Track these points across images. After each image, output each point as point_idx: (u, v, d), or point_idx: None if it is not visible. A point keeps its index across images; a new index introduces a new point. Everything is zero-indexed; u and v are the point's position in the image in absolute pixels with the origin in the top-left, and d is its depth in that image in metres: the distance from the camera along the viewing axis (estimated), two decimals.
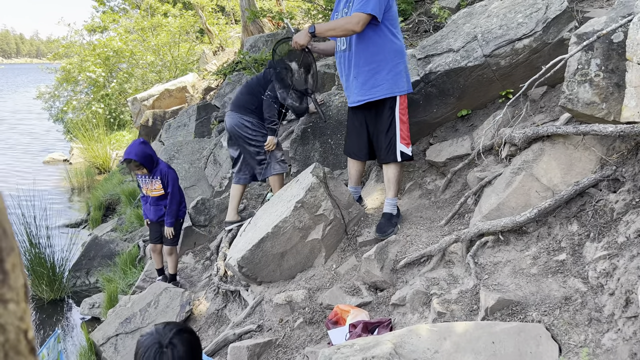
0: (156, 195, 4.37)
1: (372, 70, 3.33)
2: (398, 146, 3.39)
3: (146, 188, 4.39)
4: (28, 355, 0.39)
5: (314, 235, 3.44)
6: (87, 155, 11.86)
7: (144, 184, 4.39)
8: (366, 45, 3.32)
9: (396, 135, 3.38)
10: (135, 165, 4.19)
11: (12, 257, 0.39)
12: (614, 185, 2.47)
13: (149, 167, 4.23)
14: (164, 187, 4.34)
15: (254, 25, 10.07)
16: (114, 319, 4.12)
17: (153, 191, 4.36)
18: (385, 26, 3.29)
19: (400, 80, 3.35)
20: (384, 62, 3.31)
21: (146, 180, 4.35)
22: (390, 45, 3.31)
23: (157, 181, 4.32)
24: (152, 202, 4.42)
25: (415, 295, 2.71)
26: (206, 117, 8.20)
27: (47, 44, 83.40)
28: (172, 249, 4.49)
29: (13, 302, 0.38)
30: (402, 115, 3.38)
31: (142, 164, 4.17)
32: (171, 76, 14.57)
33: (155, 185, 4.34)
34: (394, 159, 3.40)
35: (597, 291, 2.14)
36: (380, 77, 3.33)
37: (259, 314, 3.42)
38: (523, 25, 3.46)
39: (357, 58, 3.37)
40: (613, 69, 2.44)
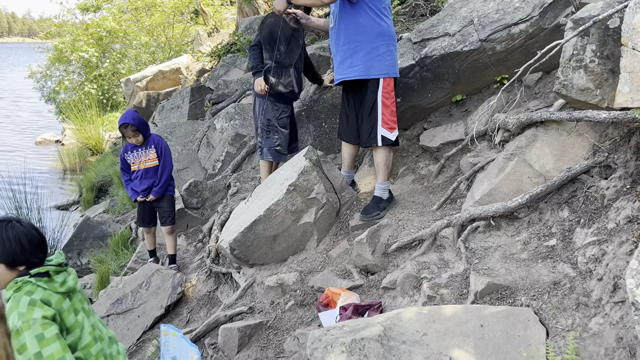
0: (150, 166, 4.20)
1: (350, 49, 3.33)
2: (379, 130, 3.36)
3: (139, 160, 4.21)
4: None
5: (306, 218, 3.44)
6: (80, 136, 11.77)
7: (135, 157, 4.21)
8: (347, 24, 3.33)
9: (377, 119, 3.35)
10: (132, 131, 4.05)
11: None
12: (605, 172, 2.48)
13: (145, 135, 4.12)
14: (159, 157, 4.20)
15: (250, 7, 9.95)
16: (105, 300, 4.12)
17: (147, 162, 4.19)
18: (369, 7, 3.26)
19: (379, 63, 3.30)
20: (363, 43, 3.29)
21: (139, 152, 4.19)
22: (372, 26, 3.28)
23: (152, 150, 4.18)
24: (145, 175, 4.21)
25: (405, 278, 2.73)
26: (200, 99, 8.13)
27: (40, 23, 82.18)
28: (173, 227, 4.34)
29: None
30: (386, 99, 3.34)
31: (138, 130, 4.05)
32: (165, 57, 14.41)
33: (150, 155, 4.19)
34: (374, 143, 3.39)
35: (585, 276, 2.15)
36: (357, 58, 3.31)
37: (250, 296, 3.43)
38: (520, 10, 3.44)
39: (338, 36, 3.40)
40: (608, 55, 2.43)
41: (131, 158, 4.23)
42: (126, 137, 4.15)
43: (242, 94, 7.05)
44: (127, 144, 4.22)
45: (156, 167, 4.20)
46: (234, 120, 5.92)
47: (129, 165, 4.27)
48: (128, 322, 3.93)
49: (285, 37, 3.82)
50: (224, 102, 7.11)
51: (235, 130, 5.80)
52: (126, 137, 4.15)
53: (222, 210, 4.57)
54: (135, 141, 4.13)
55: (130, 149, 4.21)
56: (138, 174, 4.23)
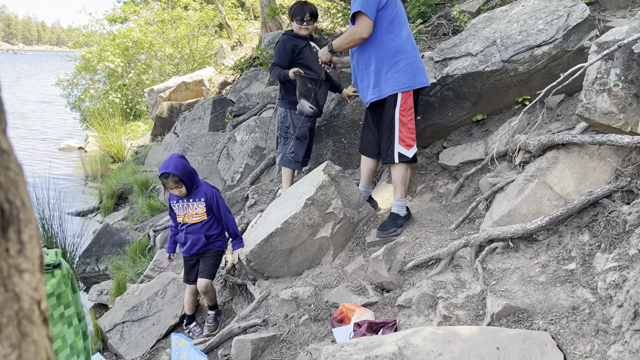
0: (196, 222, 3.62)
1: (373, 71, 3.37)
2: (396, 147, 3.37)
3: (183, 213, 3.63)
4: (41, 325, 0.40)
5: (322, 233, 3.45)
6: (102, 143, 11.98)
7: (180, 208, 3.64)
8: (364, 49, 3.39)
9: (394, 136, 3.37)
10: (174, 182, 3.47)
11: (30, 229, 0.40)
12: (627, 197, 2.44)
13: (189, 186, 3.55)
14: (209, 211, 3.62)
15: (273, 22, 10.10)
16: (122, 307, 4.17)
17: (193, 217, 3.61)
18: (382, 26, 3.30)
19: (401, 77, 3.33)
20: (383, 61, 3.33)
21: (183, 204, 3.62)
22: (387, 44, 3.31)
23: (201, 204, 3.59)
24: (190, 231, 3.64)
25: (421, 297, 2.71)
26: (221, 111, 8.25)
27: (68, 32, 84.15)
28: (208, 283, 3.66)
29: (29, 272, 0.40)
30: (403, 116, 3.35)
31: (182, 180, 3.48)
32: (189, 69, 14.67)
33: (198, 210, 3.60)
34: (391, 160, 3.41)
35: (605, 302, 2.12)
36: (381, 77, 3.35)
37: (264, 309, 3.44)
38: (543, 32, 3.44)
39: (358, 61, 3.47)
40: (633, 80, 2.41)
41: (176, 208, 3.68)
42: (167, 188, 3.61)
43: (263, 107, 7.13)
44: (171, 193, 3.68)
45: (203, 222, 3.62)
46: (254, 133, 5.98)
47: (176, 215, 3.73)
48: (143, 330, 3.97)
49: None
50: (244, 115, 7.20)
51: (255, 143, 5.86)
52: (167, 187, 3.59)
53: (239, 221, 4.60)
54: (179, 192, 3.57)
55: (176, 198, 3.65)
56: (183, 227, 3.69)
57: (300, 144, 4.30)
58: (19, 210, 0.40)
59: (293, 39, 4.18)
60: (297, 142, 4.29)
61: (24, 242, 0.40)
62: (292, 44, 4.16)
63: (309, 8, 4.15)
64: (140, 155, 10.31)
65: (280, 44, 4.18)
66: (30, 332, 0.39)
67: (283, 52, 4.14)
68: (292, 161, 4.34)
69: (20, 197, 0.41)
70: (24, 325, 0.38)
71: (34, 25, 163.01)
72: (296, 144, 4.29)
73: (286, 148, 4.34)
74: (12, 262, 0.38)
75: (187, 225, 3.65)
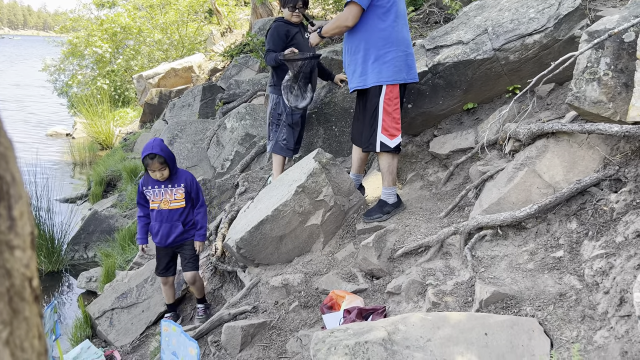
0: (174, 208, 3.53)
1: (360, 58, 3.36)
2: (378, 136, 3.36)
3: (160, 199, 3.53)
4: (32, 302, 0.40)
5: (313, 220, 3.45)
6: (90, 130, 11.86)
7: (157, 194, 3.53)
8: (353, 35, 3.37)
9: (377, 125, 3.35)
10: (159, 163, 3.40)
11: (21, 205, 0.40)
12: (615, 185, 2.47)
13: (172, 170, 3.50)
14: (187, 197, 3.56)
15: (264, 8, 10.01)
16: (111, 293, 4.16)
17: (172, 202, 3.51)
18: (375, 14, 3.27)
19: (387, 70, 3.30)
20: (371, 51, 3.31)
21: (160, 189, 3.52)
22: (378, 34, 3.28)
23: (181, 189, 3.51)
24: (167, 218, 3.54)
25: (410, 284, 2.73)
26: (211, 98, 8.18)
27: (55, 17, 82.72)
28: (195, 275, 3.62)
29: (20, 249, 0.39)
30: (388, 105, 3.33)
31: (166, 162, 3.43)
32: (178, 55, 14.52)
33: (177, 195, 3.51)
34: (372, 148, 3.41)
35: (592, 289, 2.15)
36: (367, 66, 3.34)
37: (254, 296, 3.45)
38: (534, 21, 3.44)
39: (349, 46, 3.44)
40: (622, 69, 2.43)
41: (151, 195, 3.55)
42: (149, 170, 3.48)
43: (253, 94, 7.09)
44: (148, 177, 3.56)
45: (181, 209, 3.55)
46: (245, 120, 5.95)
47: (147, 201, 3.63)
48: (132, 317, 3.96)
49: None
50: (235, 102, 7.16)
51: (245, 130, 5.83)
52: (149, 169, 3.47)
53: (229, 209, 4.59)
54: (160, 176, 3.47)
55: (152, 183, 3.53)
56: (159, 215, 3.56)
57: (292, 131, 4.29)
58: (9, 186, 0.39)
59: (285, 25, 4.15)
60: (289, 129, 4.27)
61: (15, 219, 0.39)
62: (284, 29, 4.13)
63: None
64: (129, 142, 10.22)
65: (273, 30, 4.15)
66: (21, 309, 0.38)
67: (277, 37, 4.11)
68: (283, 148, 4.32)
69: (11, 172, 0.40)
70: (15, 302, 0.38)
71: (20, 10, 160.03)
72: (288, 131, 4.28)
73: (277, 135, 4.32)
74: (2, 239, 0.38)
75: (163, 213, 3.53)
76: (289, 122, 4.23)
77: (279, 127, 4.29)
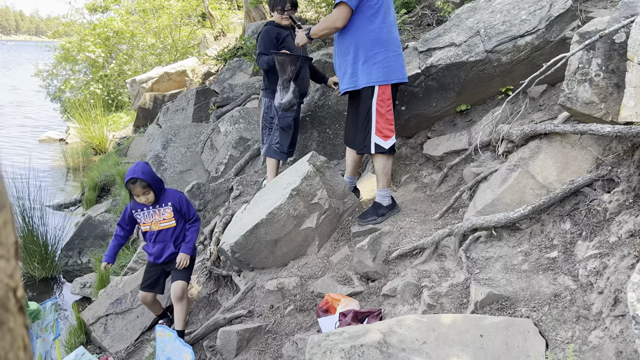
0: (165, 228, 3.49)
1: (350, 60, 3.37)
2: (373, 138, 3.36)
3: (150, 221, 3.50)
4: (17, 313, 0.39)
5: (308, 223, 3.44)
6: (84, 135, 11.80)
7: (146, 216, 3.49)
8: (343, 37, 3.39)
9: (371, 126, 3.36)
10: (142, 187, 3.33)
11: (4, 214, 0.39)
12: (608, 186, 2.48)
13: (157, 193, 3.43)
14: (177, 216, 3.51)
15: (257, 12, 10.01)
16: (105, 299, 4.13)
17: (161, 222, 3.48)
18: (364, 16, 3.28)
19: (376, 71, 3.31)
20: (361, 52, 3.32)
21: (150, 211, 3.48)
22: (367, 35, 3.29)
23: (168, 208, 3.47)
24: (159, 239, 3.51)
25: (406, 286, 2.73)
26: (205, 101, 8.16)
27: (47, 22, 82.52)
28: (184, 287, 3.44)
29: (3, 259, 0.38)
30: (381, 107, 3.34)
31: (150, 186, 3.36)
32: (171, 59, 14.49)
33: (165, 215, 3.47)
34: (367, 150, 3.41)
35: (586, 289, 2.15)
36: (357, 67, 3.35)
37: (250, 300, 3.43)
38: (526, 22, 3.45)
39: (339, 48, 3.45)
40: (613, 70, 2.44)
41: (141, 217, 3.52)
42: (133, 195, 3.43)
43: (247, 97, 7.08)
44: (136, 201, 3.50)
45: (172, 228, 3.52)
46: (239, 123, 5.94)
47: (134, 222, 3.60)
48: (127, 322, 3.94)
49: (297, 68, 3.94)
50: (228, 106, 7.15)
51: (239, 134, 5.82)
52: (133, 194, 3.42)
53: (224, 213, 4.58)
54: (145, 200, 3.41)
55: (140, 206, 3.50)
56: (151, 236, 3.54)
57: (285, 134, 4.28)
58: None
59: (275, 28, 4.16)
60: (282, 133, 4.27)
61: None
62: (275, 32, 4.13)
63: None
64: (122, 146, 10.18)
65: (264, 33, 4.15)
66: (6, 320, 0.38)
67: (267, 40, 4.12)
68: (277, 152, 4.32)
69: None
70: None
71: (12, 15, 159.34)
72: (281, 135, 4.28)
73: (271, 139, 4.32)
74: None
75: (155, 234, 3.49)
76: (281, 126, 4.23)
77: (272, 130, 4.29)
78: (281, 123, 4.24)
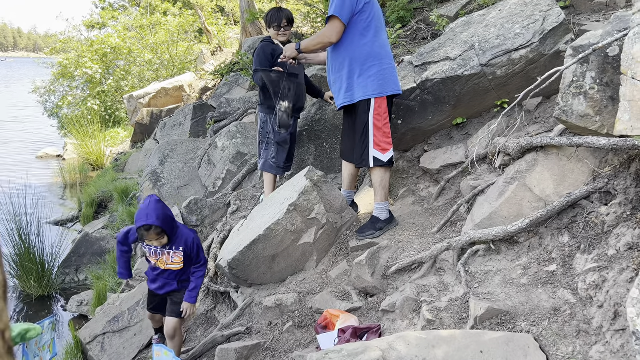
0: (172, 269, 3.26)
1: (345, 74, 3.39)
2: (371, 152, 3.37)
3: (157, 259, 3.24)
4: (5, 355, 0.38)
5: (305, 238, 3.43)
6: (81, 151, 11.80)
7: (153, 253, 3.23)
8: (337, 53, 3.41)
9: (369, 140, 3.37)
10: (156, 234, 3.03)
11: None
12: (605, 198, 2.48)
13: (171, 235, 3.14)
14: (186, 260, 3.25)
15: (253, 27, 10.08)
16: (102, 317, 4.09)
17: (169, 264, 3.24)
18: (356, 30, 3.31)
19: (372, 84, 3.33)
20: (356, 66, 3.34)
21: (158, 250, 3.20)
22: (361, 49, 3.32)
23: (179, 253, 3.20)
24: (162, 275, 3.29)
25: (405, 302, 2.71)
26: (202, 117, 8.18)
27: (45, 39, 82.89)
28: (177, 325, 3.26)
29: None
30: (377, 120, 3.36)
31: (164, 231, 3.06)
32: (168, 75, 14.55)
33: (174, 258, 3.21)
34: (366, 164, 3.41)
35: (586, 303, 2.14)
36: (353, 81, 3.37)
37: (248, 316, 3.41)
38: (520, 36, 3.48)
39: (333, 64, 3.47)
40: (608, 83, 2.45)
41: (147, 252, 3.28)
42: (145, 240, 3.11)
43: (244, 112, 7.10)
44: None
45: (178, 270, 3.28)
46: (236, 138, 5.95)
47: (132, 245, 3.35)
48: (124, 341, 3.90)
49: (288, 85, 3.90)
50: (225, 121, 7.16)
51: (236, 149, 5.82)
52: (145, 240, 3.10)
53: (221, 228, 4.56)
54: (158, 244, 3.13)
55: None
56: (155, 269, 3.32)
57: (282, 149, 4.29)
58: None
59: (271, 44, 4.18)
60: (279, 147, 4.28)
61: None
62: (270, 48, 4.15)
63: (285, 14, 4.15)
64: (120, 162, 10.17)
65: (259, 50, 4.18)
66: None
67: (263, 56, 4.14)
68: (273, 167, 4.32)
69: None
70: None
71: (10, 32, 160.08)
72: (277, 149, 4.28)
73: (267, 153, 4.32)
74: None
75: (160, 270, 3.29)
76: (277, 140, 4.23)
77: (268, 145, 4.30)
78: (277, 138, 4.24)
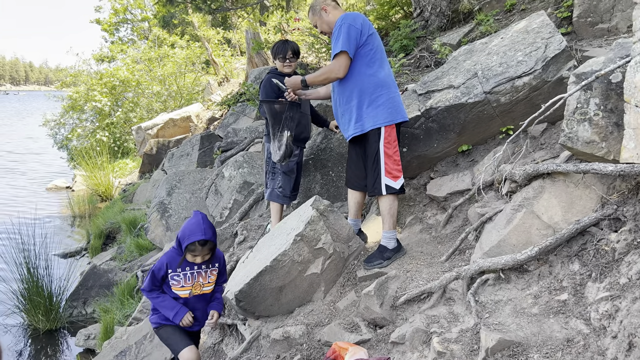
0: (206, 292, 3.05)
1: (354, 106, 3.42)
2: (383, 180, 3.39)
3: (191, 284, 2.97)
4: None
5: (313, 269, 3.40)
6: (90, 182, 11.90)
7: (188, 278, 2.95)
8: (344, 85, 3.45)
9: (381, 168, 3.39)
10: (209, 249, 2.88)
11: None
12: (615, 225, 2.45)
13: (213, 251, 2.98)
14: (217, 279, 3.12)
15: (259, 57, 10.25)
16: (109, 352, 4.06)
17: (205, 286, 3.01)
18: (362, 62, 3.36)
19: (383, 112, 3.37)
20: (365, 96, 3.38)
21: (193, 271, 2.96)
22: (368, 80, 3.36)
23: (215, 270, 3.04)
24: (199, 307, 3.04)
25: (414, 333, 2.66)
26: (209, 147, 8.25)
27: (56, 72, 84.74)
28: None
29: None
30: (387, 148, 3.38)
31: (215, 246, 2.95)
32: (176, 105, 14.76)
33: (211, 277, 3.02)
34: (378, 192, 3.42)
35: (599, 333, 2.09)
36: (362, 112, 3.40)
37: (255, 350, 3.36)
38: (523, 64, 3.50)
39: (339, 97, 3.51)
40: (612, 109, 2.45)
41: (181, 279, 2.93)
42: (190, 255, 2.88)
43: (251, 142, 7.15)
44: (175, 260, 2.94)
45: (209, 293, 3.10)
46: (242, 168, 5.98)
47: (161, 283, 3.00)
48: None
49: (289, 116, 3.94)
50: (232, 150, 7.21)
51: (243, 178, 5.85)
52: (192, 254, 2.88)
53: (228, 259, 4.54)
54: (202, 259, 2.93)
55: (182, 265, 2.93)
56: (186, 304, 3.00)
57: (288, 178, 4.31)
58: None
59: (277, 76, 4.24)
60: (285, 177, 4.30)
61: None
62: (276, 80, 4.21)
63: (291, 46, 4.22)
64: (128, 193, 10.24)
65: (265, 82, 4.23)
66: None
67: (269, 88, 4.19)
68: (280, 196, 4.33)
69: None
70: None
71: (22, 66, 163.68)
72: (284, 179, 4.30)
73: (274, 183, 4.34)
74: None
75: (191, 301, 3.00)
76: (284, 170, 4.26)
77: (275, 175, 4.32)
78: (284, 167, 4.27)
